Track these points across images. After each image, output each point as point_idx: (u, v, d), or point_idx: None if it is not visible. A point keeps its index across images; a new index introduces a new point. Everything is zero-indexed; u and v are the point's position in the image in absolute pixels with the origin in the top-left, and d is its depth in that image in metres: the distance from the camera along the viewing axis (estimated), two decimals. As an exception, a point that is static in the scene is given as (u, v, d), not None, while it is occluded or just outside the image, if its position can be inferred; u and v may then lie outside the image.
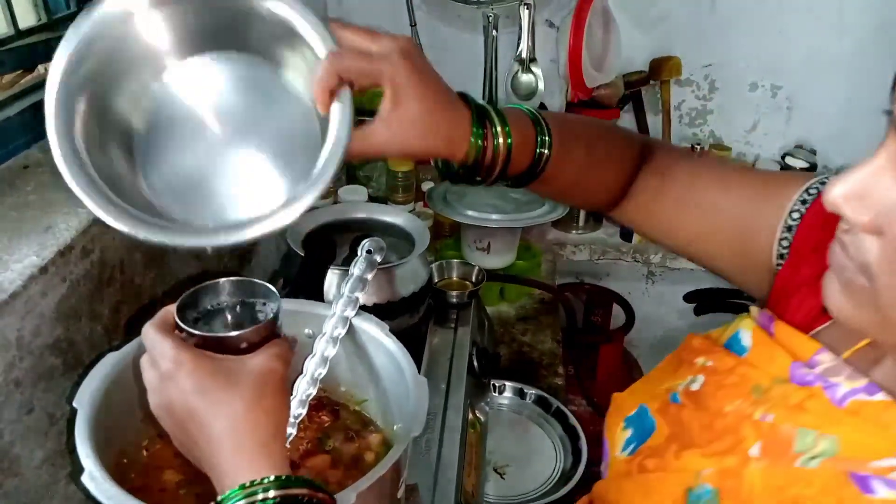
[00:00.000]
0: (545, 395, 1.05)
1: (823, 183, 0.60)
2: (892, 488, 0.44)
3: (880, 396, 0.48)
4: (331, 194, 1.41)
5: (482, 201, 1.29)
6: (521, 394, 1.06)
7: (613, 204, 0.71)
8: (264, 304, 0.60)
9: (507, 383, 1.06)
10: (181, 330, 0.55)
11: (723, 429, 0.54)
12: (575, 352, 1.29)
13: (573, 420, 1.01)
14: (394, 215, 0.98)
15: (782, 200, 0.61)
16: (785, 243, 0.61)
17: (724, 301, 1.50)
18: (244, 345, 0.55)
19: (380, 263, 0.69)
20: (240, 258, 1.11)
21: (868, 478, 0.45)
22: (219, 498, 0.48)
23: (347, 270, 0.68)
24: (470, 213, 1.26)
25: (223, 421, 0.50)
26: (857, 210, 0.43)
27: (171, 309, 0.56)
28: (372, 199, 1.41)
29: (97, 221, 0.72)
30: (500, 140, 0.58)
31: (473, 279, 1.08)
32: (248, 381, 0.52)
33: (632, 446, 0.60)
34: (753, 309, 0.61)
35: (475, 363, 0.97)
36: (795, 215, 0.60)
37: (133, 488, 0.63)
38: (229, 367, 0.53)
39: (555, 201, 0.75)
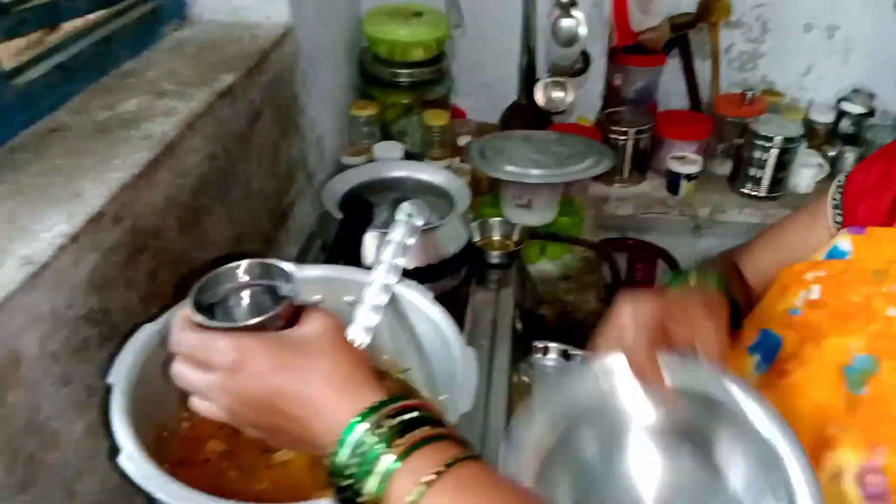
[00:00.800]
0: (591, 357, 1.02)
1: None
2: None
3: None
4: (365, 151, 1.36)
5: (522, 156, 1.23)
6: (565, 355, 1.03)
7: None
8: (278, 281, 0.56)
9: (552, 344, 1.02)
10: (207, 327, 0.51)
11: (853, 311, 0.61)
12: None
13: (621, 382, 0.98)
14: (433, 174, 0.94)
15: (825, 196, 0.74)
16: (839, 213, 0.72)
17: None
18: (280, 323, 0.52)
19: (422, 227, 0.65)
20: (276, 220, 1.08)
21: None
22: (337, 438, 0.46)
23: (386, 233, 0.65)
24: (509, 168, 1.21)
25: (316, 382, 0.48)
26: None
27: (188, 311, 0.52)
28: (407, 155, 1.37)
29: (128, 187, 0.70)
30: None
31: (515, 238, 1.03)
32: (321, 341, 0.50)
33: (763, 367, 0.65)
34: (842, 230, 0.69)
35: (519, 325, 0.94)
36: (838, 196, 0.73)
37: (174, 462, 0.62)
38: (293, 338, 0.51)
39: None
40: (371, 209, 0.81)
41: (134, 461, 0.49)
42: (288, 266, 0.55)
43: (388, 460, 0.44)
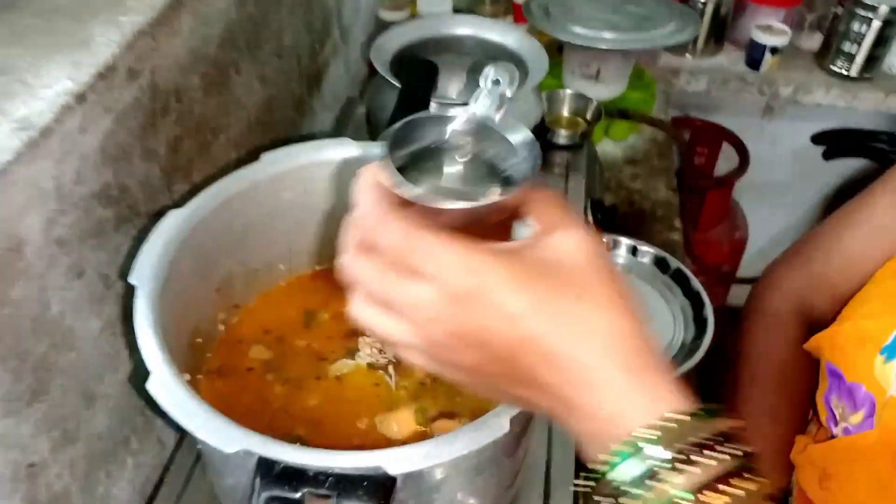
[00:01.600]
0: (662, 254, 0.91)
1: None
2: None
3: None
4: (407, 5, 1.19)
5: (593, 16, 1.07)
6: (633, 251, 0.92)
7: None
8: (491, 151, 0.41)
9: (622, 239, 0.91)
10: (417, 204, 0.35)
11: None
12: (680, 198, 1.12)
13: (696, 284, 0.87)
14: (503, 33, 0.79)
15: None
16: None
17: (861, 144, 1.29)
18: (494, 218, 0.37)
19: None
20: (309, 81, 0.94)
21: None
22: (614, 441, 0.33)
23: (459, 104, 0.52)
24: (578, 30, 1.04)
25: (591, 343, 0.33)
26: None
27: (386, 173, 0.36)
28: (454, 10, 1.20)
29: (145, 34, 0.57)
30: None
31: (588, 115, 0.90)
32: (587, 272, 0.35)
33: None
34: None
35: (590, 217, 0.82)
36: None
37: (211, 372, 0.53)
38: (546, 260, 0.35)
39: None
40: (436, 73, 0.67)
41: (167, 388, 0.39)
42: (522, 132, 0.39)
43: None
